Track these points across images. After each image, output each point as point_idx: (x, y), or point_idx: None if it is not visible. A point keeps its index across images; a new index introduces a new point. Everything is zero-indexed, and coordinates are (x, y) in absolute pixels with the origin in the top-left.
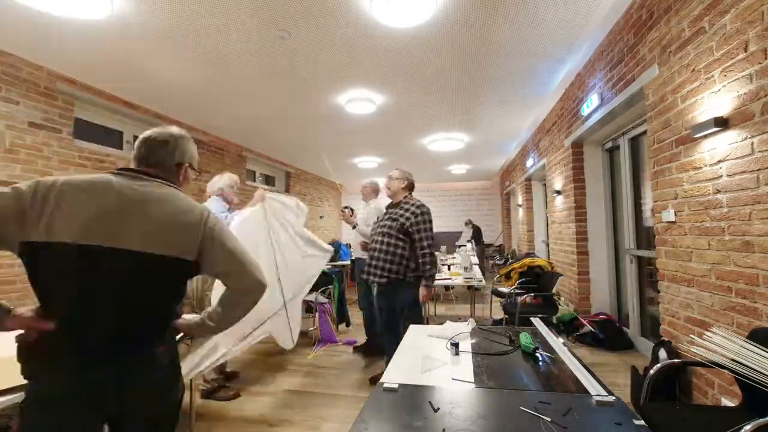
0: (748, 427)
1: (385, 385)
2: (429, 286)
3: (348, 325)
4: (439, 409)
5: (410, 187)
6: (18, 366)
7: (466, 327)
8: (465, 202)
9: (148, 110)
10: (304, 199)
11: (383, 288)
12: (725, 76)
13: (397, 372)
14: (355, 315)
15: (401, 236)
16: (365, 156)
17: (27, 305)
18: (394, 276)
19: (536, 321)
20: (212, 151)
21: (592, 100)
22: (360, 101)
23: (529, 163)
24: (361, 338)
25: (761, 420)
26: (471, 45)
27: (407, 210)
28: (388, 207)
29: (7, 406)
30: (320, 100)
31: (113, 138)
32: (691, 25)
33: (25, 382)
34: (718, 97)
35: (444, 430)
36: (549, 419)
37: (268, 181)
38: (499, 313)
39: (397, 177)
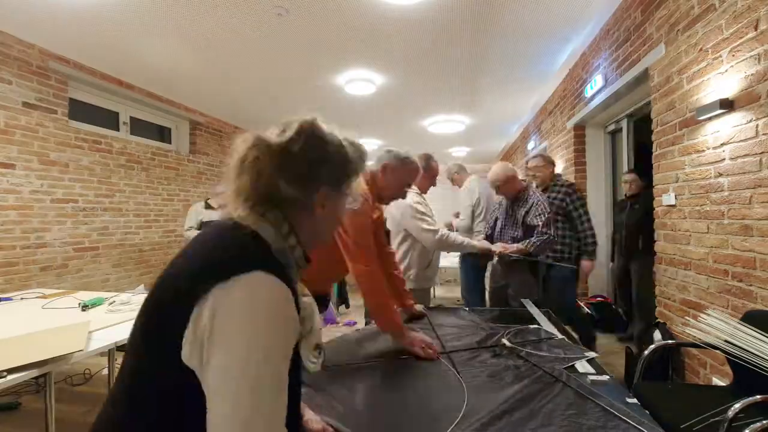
0: (737, 405)
1: None
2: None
3: (348, 306)
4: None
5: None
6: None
7: None
8: None
9: (143, 90)
10: None
11: None
12: (733, 56)
13: None
14: (354, 297)
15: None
16: (365, 138)
17: (30, 287)
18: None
19: (526, 302)
20: (210, 132)
21: (596, 81)
22: (359, 82)
23: (530, 146)
24: (360, 319)
25: (750, 398)
26: (473, 23)
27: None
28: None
29: (17, 384)
30: (319, 81)
31: (109, 119)
32: (701, 1)
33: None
34: (725, 78)
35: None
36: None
37: None
38: None
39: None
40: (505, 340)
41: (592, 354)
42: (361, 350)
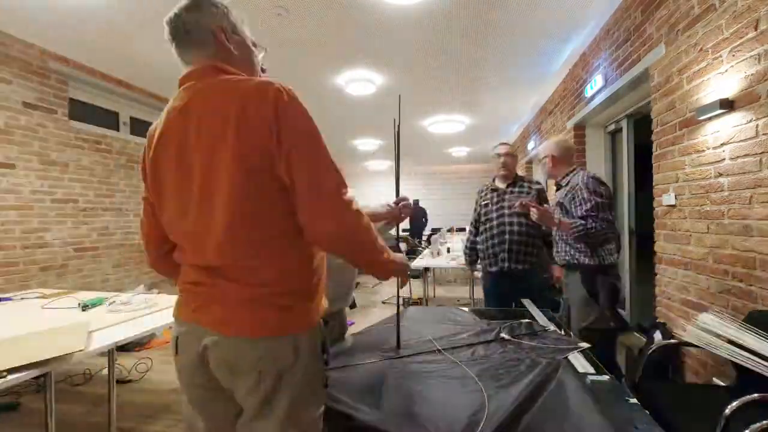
0: (734, 403)
1: None
2: None
3: (353, 307)
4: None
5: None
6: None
7: None
8: (465, 184)
9: (144, 90)
10: None
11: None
12: (733, 56)
13: None
14: (360, 297)
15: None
16: (365, 138)
17: (30, 287)
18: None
19: (526, 302)
20: None
21: (596, 81)
22: (360, 82)
23: (530, 146)
24: (360, 319)
25: (747, 397)
26: (473, 23)
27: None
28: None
29: (17, 384)
30: (320, 81)
31: (109, 119)
32: (701, 1)
33: (32, 361)
34: (725, 78)
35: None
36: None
37: None
38: None
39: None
40: (503, 334)
41: (585, 345)
42: (369, 349)
